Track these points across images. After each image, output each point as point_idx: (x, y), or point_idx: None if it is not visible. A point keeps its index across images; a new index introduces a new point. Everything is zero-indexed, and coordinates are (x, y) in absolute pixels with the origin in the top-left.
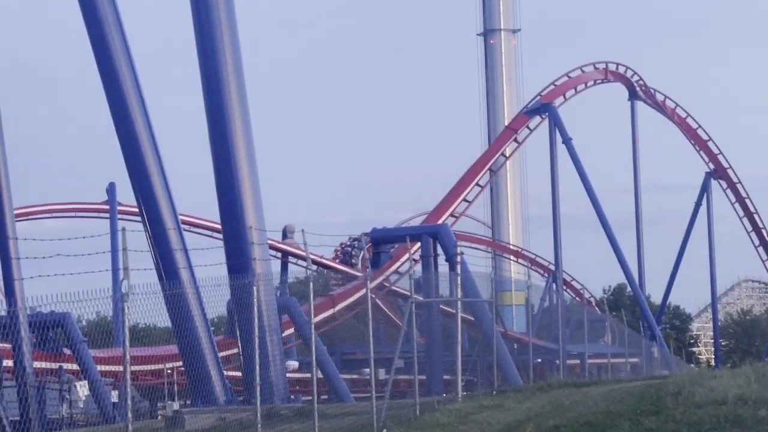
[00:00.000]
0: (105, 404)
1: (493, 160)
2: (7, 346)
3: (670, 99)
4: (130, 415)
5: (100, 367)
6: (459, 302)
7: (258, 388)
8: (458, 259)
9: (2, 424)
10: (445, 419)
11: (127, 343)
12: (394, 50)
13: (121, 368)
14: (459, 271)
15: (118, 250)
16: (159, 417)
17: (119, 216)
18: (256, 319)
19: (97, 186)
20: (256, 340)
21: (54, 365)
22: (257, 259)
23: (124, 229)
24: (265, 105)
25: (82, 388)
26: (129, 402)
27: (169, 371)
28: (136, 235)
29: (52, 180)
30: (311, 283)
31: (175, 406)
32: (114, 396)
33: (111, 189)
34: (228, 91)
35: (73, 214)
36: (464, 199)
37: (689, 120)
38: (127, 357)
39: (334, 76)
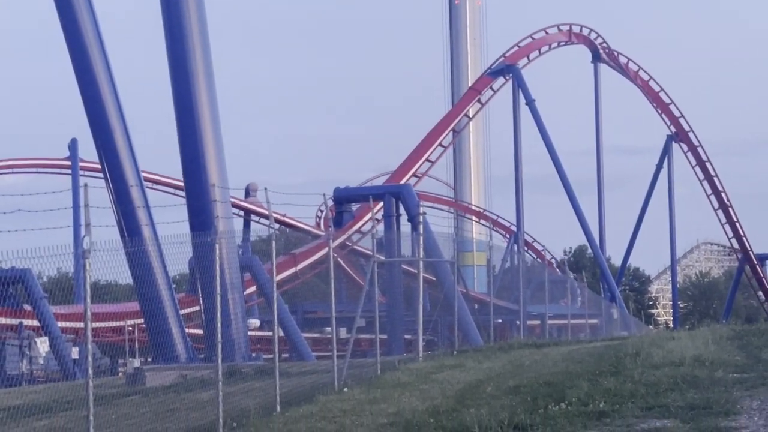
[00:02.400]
0: (65, 361)
1: (456, 121)
2: None
3: (633, 62)
4: (90, 371)
5: (60, 324)
6: (421, 262)
7: (219, 346)
8: (420, 219)
9: None
10: (405, 378)
11: (89, 300)
12: (359, 7)
13: (82, 325)
14: (421, 231)
15: (80, 206)
16: (120, 374)
17: (81, 172)
18: (218, 277)
19: (60, 142)
20: (218, 298)
21: (14, 321)
22: (220, 217)
23: (86, 185)
24: (228, 63)
25: (43, 345)
26: (90, 359)
27: (130, 328)
28: (98, 192)
29: (14, 135)
30: (273, 242)
31: (136, 363)
32: (74, 353)
33: (73, 145)
34: (191, 48)
35: (35, 169)
36: (427, 160)
37: (651, 83)
38: (88, 313)
39: (298, 34)
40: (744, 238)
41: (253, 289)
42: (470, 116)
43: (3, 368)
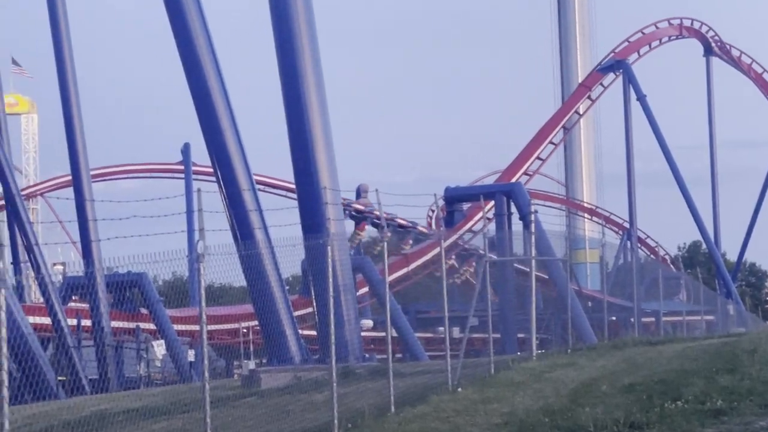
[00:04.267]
0: (181, 363)
1: (566, 118)
2: (85, 306)
3: (746, 54)
4: (206, 374)
5: (176, 327)
6: (533, 261)
7: (333, 347)
8: (532, 217)
9: (81, 383)
10: (519, 377)
11: (203, 303)
12: (467, 6)
13: (197, 327)
14: (533, 229)
15: (193, 210)
16: (235, 376)
17: (194, 176)
18: (330, 279)
19: (172, 147)
20: (331, 300)
21: (131, 325)
22: (331, 219)
23: (199, 190)
24: (337, 63)
25: (159, 348)
26: (206, 361)
27: (244, 330)
28: (211, 196)
29: (128, 141)
30: (385, 243)
31: (251, 365)
32: (190, 355)
33: (186, 150)
34: (301, 52)
35: (148, 174)
36: (538, 157)
37: (765, 75)
38: (203, 316)
39: (407, 34)
40: None
41: (365, 290)
42: (581, 113)
43: (121, 371)
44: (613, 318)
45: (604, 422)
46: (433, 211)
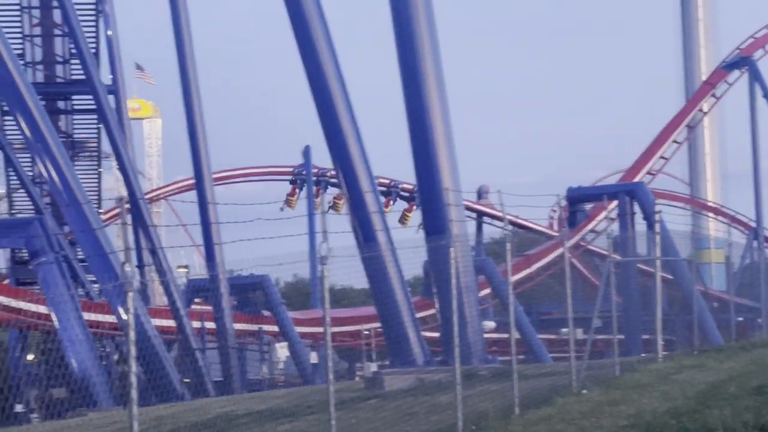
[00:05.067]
0: (304, 365)
1: (690, 116)
2: (209, 308)
3: None
4: (331, 376)
5: (298, 329)
6: (658, 261)
7: (457, 349)
8: (656, 217)
9: (206, 385)
10: (645, 379)
11: (327, 305)
12: (589, 4)
13: (319, 330)
14: (657, 229)
15: (314, 213)
16: (357, 378)
17: (315, 179)
18: (453, 280)
19: (293, 149)
20: (454, 301)
21: (254, 327)
22: (454, 221)
23: (323, 193)
24: (459, 64)
25: (282, 350)
26: (330, 363)
27: (366, 332)
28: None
29: (248, 143)
30: (508, 243)
31: (374, 367)
32: (313, 357)
33: (306, 152)
34: (422, 53)
35: (269, 177)
36: (661, 157)
37: None
38: (327, 318)
39: (529, 34)
40: None
41: (486, 291)
42: (705, 111)
43: (244, 373)
44: (740, 318)
45: (733, 425)
46: (555, 212)
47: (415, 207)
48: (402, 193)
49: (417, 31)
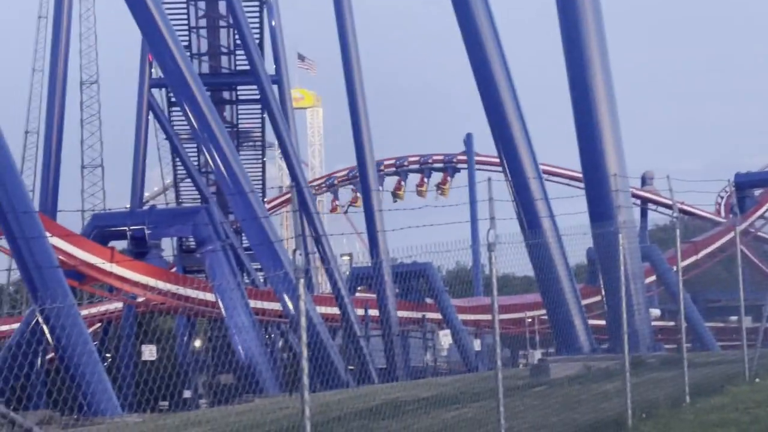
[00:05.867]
0: (467, 353)
1: None
2: (372, 296)
3: None
4: (499, 362)
5: (461, 316)
6: None
7: (625, 337)
8: None
9: (370, 372)
10: None
11: (495, 292)
12: None
13: (481, 317)
14: None
15: (476, 201)
16: (520, 365)
17: (476, 167)
18: (622, 267)
19: (455, 137)
20: (622, 288)
21: (417, 315)
22: (621, 206)
23: (489, 179)
24: (624, 50)
25: (445, 337)
26: (498, 350)
27: (529, 320)
28: (495, 185)
29: (411, 132)
30: (677, 230)
31: (538, 354)
32: (476, 345)
33: (468, 139)
34: (587, 37)
35: (430, 165)
36: None
37: None
38: (496, 305)
39: (695, 18)
40: None
41: (652, 278)
42: None
43: (407, 360)
44: None
45: None
46: (722, 198)
47: (449, 177)
48: (435, 166)
49: (582, 14)
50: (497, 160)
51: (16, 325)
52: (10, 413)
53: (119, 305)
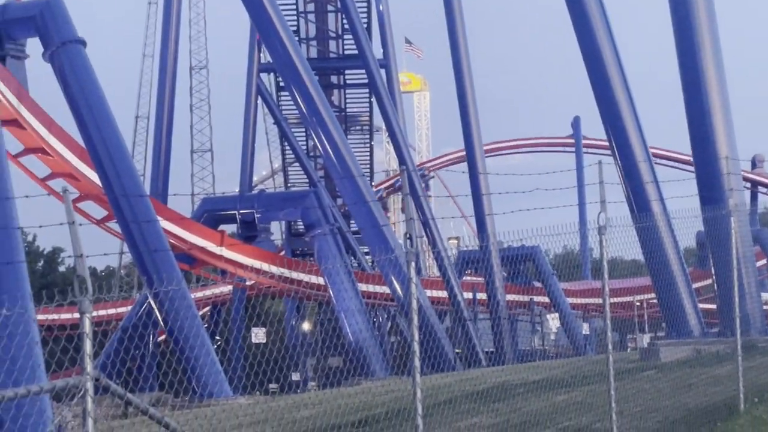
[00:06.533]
0: (576, 336)
1: None
2: (480, 279)
3: None
4: (610, 346)
5: (569, 300)
6: None
7: (737, 320)
8: None
9: (478, 356)
10: None
11: (606, 275)
12: None
13: (589, 300)
14: None
15: (584, 184)
16: (629, 349)
17: (584, 150)
18: (734, 250)
19: (562, 120)
20: (735, 272)
21: (525, 298)
22: (733, 189)
23: (600, 162)
24: (736, 31)
25: (554, 321)
26: (608, 333)
27: (638, 304)
28: (604, 168)
29: (519, 116)
30: None
31: (646, 338)
32: (585, 328)
33: (576, 123)
34: (698, 19)
35: (538, 149)
36: None
37: None
38: (606, 289)
39: None
40: None
41: (762, 262)
42: None
43: (515, 344)
44: None
45: None
46: None
47: None
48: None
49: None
50: (605, 143)
51: (125, 309)
52: (126, 394)
53: (228, 289)
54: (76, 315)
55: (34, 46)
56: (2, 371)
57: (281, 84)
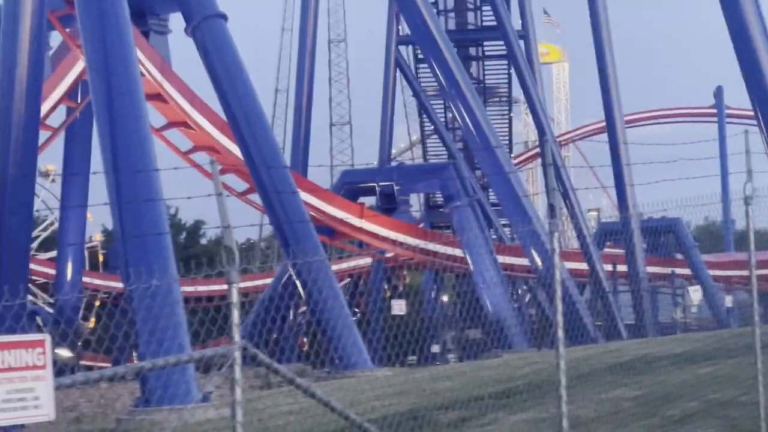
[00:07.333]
0: (718, 309)
1: None
2: (621, 251)
3: None
4: (757, 317)
5: (711, 272)
6: None
7: None
8: None
9: (618, 328)
10: None
11: (752, 247)
12: None
13: (732, 273)
14: None
15: (726, 154)
16: None
17: (727, 120)
18: None
19: (705, 90)
20: None
21: (666, 270)
22: None
23: (746, 131)
24: None
25: (695, 293)
26: (755, 305)
27: None
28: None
29: (661, 86)
30: None
31: None
32: (728, 301)
33: (718, 93)
34: None
35: (680, 119)
36: None
37: None
38: (753, 260)
39: None
40: None
41: None
42: None
43: (656, 316)
44: None
45: None
46: None
47: None
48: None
49: None
50: (749, 113)
51: (265, 281)
52: (273, 363)
53: (368, 260)
54: (213, 287)
55: (176, 20)
56: (152, 340)
57: (420, 56)
